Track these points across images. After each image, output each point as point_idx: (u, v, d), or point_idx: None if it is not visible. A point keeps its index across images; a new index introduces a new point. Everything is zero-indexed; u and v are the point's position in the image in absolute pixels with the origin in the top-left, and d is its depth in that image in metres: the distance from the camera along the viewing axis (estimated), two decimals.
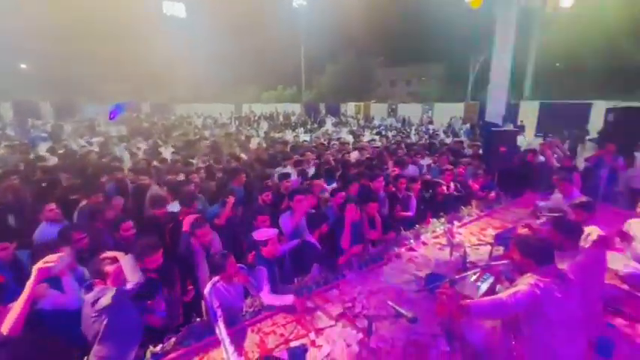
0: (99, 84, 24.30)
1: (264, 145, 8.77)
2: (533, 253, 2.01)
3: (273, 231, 2.92)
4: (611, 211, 4.82)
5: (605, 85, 17.69)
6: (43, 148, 7.55)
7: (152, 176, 5.06)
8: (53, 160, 5.96)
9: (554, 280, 1.94)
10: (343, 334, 2.42)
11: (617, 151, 5.70)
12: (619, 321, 2.57)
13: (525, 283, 1.96)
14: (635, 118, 7.39)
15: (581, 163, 6.58)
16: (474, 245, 3.64)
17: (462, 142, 9.29)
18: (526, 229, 2.87)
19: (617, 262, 3.30)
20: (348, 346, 2.30)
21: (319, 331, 2.45)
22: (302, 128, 15.68)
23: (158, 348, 2.12)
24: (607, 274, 2.89)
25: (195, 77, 27.63)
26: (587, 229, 2.64)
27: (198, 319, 2.39)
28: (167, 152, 7.31)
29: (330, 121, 18.69)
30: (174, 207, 3.93)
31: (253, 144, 9.23)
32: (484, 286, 2.58)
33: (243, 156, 6.62)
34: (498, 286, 2.57)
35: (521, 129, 13.04)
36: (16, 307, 1.75)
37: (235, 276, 2.43)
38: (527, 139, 12.45)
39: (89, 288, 2.06)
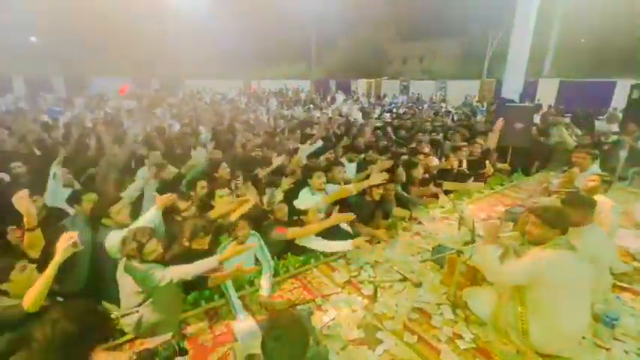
0: (108, 59, 24.17)
1: (273, 121, 8.70)
2: (551, 221, 1.98)
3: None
4: (629, 192, 4.72)
5: (630, 63, 16.76)
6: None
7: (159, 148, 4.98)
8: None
9: (565, 251, 1.93)
10: (349, 300, 2.49)
11: None
12: (627, 295, 2.57)
13: (534, 253, 1.95)
14: None
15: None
16: (483, 220, 3.62)
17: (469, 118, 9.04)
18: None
19: (628, 239, 3.26)
20: (354, 311, 2.37)
21: (325, 297, 2.52)
22: (311, 105, 15.43)
23: None
24: (618, 251, 2.87)
25: (203, 53, 27.18)
26: (600, 203, 2.59)
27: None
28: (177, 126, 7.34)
29: (340, 98, 18.35)
30: None
31: (264, 120, 9.16)
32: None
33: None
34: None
35: (538, 107, 12.60)
36: (40, 285, 1.70)
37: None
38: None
39: None
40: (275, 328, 1.30)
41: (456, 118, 10.27)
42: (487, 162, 5.10)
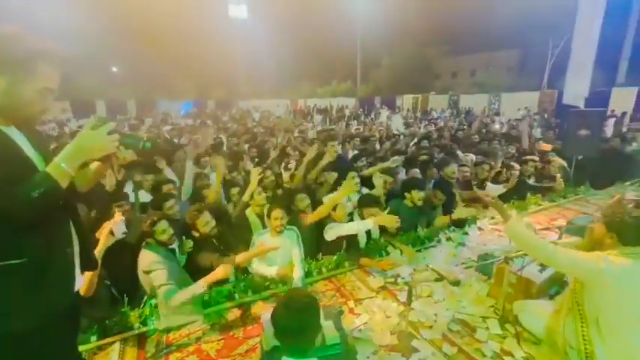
0: (170, 82, 27.01)
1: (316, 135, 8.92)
2: (620, 228, 1.70)
3: None
4: None
5: None
6: None
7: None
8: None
9: (635, 262, 1.63)
10: (383, 305, 2.36)
11: None
12: None
13: (604, 254, 1.68)
14: None
15: None
16: (539, 230, 3.25)
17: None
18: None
19: None
20: (388, 317, 2.24)
21: (359, 301, 2.42)
22: (355, 121, 15.52)
23: None
24: None
25: (254, 75, 29.09)
26: None
27: None
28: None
29: (384, 114, 18.25)
30: None
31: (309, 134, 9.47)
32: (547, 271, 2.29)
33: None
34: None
35: (610, 115, 11.28)
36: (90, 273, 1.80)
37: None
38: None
39: None
40: (287, 297, 1.29)
41: (504, 130, 9.57)
42: (558, 176, 4.61)
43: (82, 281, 1.30)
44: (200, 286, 2.03)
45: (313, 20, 30.10)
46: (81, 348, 1.94)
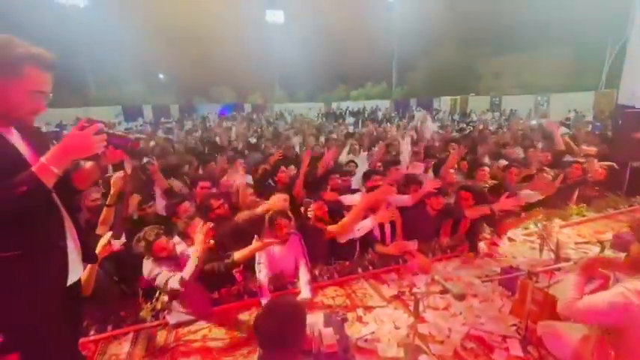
0: (210, 86, 28.43)
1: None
2: None
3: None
4: None
5: None
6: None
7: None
8: None
9: None
10: (393, 315, 2.25)
11: None
12: None
13: (628, 287, 1.45)
14: None
15: None
16: (578, 244, 2.93)
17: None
18: None
19: None
20: (397, 328, 2.13)
21: (368, 309, 2.34)
22: (388, 123, 15.20)
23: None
24: None
25: (289, 79, 29.69)
26: None
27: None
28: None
29: (419, 115, 17.70)
30: None
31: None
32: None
33: None
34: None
35: None
36: (87, 273, 1.89)
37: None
38: None
39: None
40: (270, 303, 1.26)
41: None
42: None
43: (80, 275, 1.35)
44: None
45: (349, 23, 30.10)
46: (97, 336, 2.07)
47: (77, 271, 1.28)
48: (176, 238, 2.38)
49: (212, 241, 2.04)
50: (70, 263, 1.22)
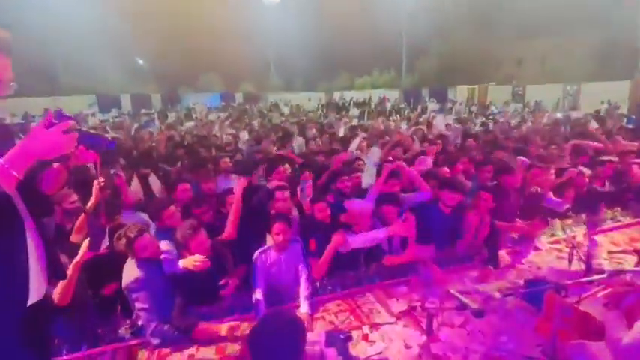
0: (196, 75, 28.41)
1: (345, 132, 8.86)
2: None
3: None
4: None
5: None
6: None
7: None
8: None
9: None
10: (403, 333, 2.26)
11: None
12: None
13: None
14: None
15: None
16: (612, 253, 2.94)
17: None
18: None
19: None
20: (407, 347, 2.14)
21: (375, 326, 2.34)
22: (397, 115, 15.24)
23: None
24: None
25: (286, 65, 29.66)
26: None
27: None
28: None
29: (432, 106, 17.75)
30: None
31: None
32: None
33: None
34: None
35: None
36: (65, 283, 1.95)
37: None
38: None
39: None
40: (266, 317, 1.26)
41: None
42: None
43: (43, 292, 1.29)
44: None
45: (352, 3, 30.05)
46: (70, 356, 2.08)
47: (41, 289, 1.24)
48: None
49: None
50: (32, 280, 1.17)
